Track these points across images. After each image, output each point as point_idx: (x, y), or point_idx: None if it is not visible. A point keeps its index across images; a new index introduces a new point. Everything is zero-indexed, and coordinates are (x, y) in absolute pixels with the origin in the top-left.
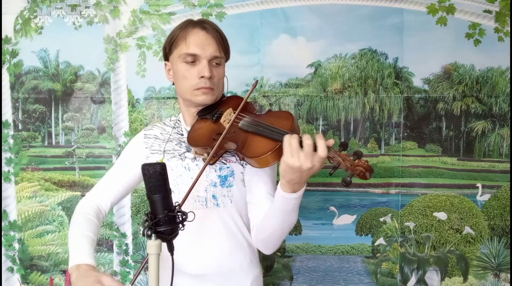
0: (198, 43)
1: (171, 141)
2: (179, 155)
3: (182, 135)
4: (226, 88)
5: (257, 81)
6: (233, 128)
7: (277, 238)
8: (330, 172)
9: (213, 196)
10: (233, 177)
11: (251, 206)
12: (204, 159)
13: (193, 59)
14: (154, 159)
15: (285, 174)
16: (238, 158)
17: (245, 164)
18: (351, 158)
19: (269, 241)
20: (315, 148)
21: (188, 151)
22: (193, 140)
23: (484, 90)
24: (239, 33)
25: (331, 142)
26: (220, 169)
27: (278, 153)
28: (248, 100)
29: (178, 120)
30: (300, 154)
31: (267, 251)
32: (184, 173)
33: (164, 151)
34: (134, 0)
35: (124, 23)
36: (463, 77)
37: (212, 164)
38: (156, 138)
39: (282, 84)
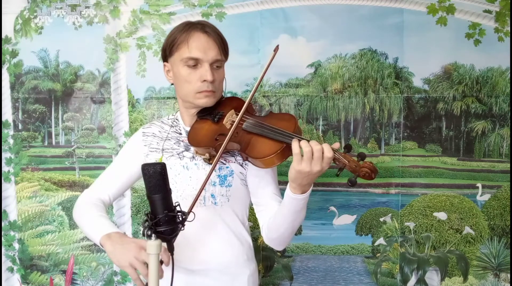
0: (200, 47)
1: (169, 139)
2: (178, 154)
3: (181, 134)
4: (225, 88)
5: (277, 46)
6: (237, 129)
7: (288, 235)
8: (336, 173)
9: (212, 195)
10: (232, 177)
11: (258, 208)
12: (204, 159)
13: (195, 63)
14: (153, 156)
15: (295, 179)
16: (239, 158)
17: (246, 165)
18: (356, 159)
19: (282, 239)
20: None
21: (187, 150)
22: (195, 141)
23: (484, 90)
24: (239, 33)
25: (336, 145)
26: (220, 169)
27: (283, 154)
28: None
29: (176, 119)
30: (311, 160)
31: (280, 248)
32: (182, 172)
33: (163, 149)
34: (134, 0)
35: (124, 23)
36: (463, 77)
37: (211, 164)
38: (154, 136)
39: (282, 84)
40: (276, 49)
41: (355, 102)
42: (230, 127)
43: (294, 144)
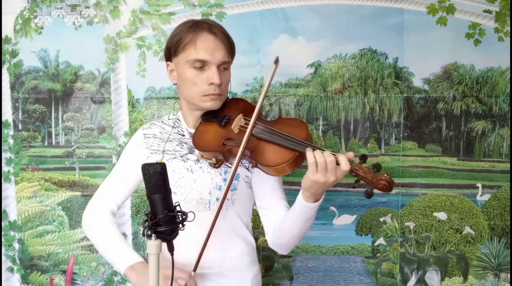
0: (207, 49)
1: (171, 141)
2: (181, 157)
3: (183, 135)
4: (230, 89)
5: (277, 58)
6: (245, 134)
7: (295, 240)
8: (353, 185)
9: (217, 199)
10: (238, 180)
11: (264, 211)
12: (210, 164)
13: (202, 65)
14: (154, 159)
15: (309, 188)
16: (245, 162)
17: (251, 169)
18: (372, 170)
19: (288, 245)
20: (337, 162)
21: (191, 153)
22: (201, 145)
23: (484, 90)
24: (239, 33)
25: (351, 154)
26: (225, 172)
27: (295, 162)
28: (251, 102)
29: (178, 119)
30: (326, 171)
31: (284, 252)
32: (186, 175)
33: (164, 151)
34: (134, 0)
35: (124, 23)
36: (463, 77)
37: (217, 168)
38: (155, 137)
39: (282, 84)
40: (277, 61)
41: (355, 102)
42: (238, 132)
43: (309, 154)
